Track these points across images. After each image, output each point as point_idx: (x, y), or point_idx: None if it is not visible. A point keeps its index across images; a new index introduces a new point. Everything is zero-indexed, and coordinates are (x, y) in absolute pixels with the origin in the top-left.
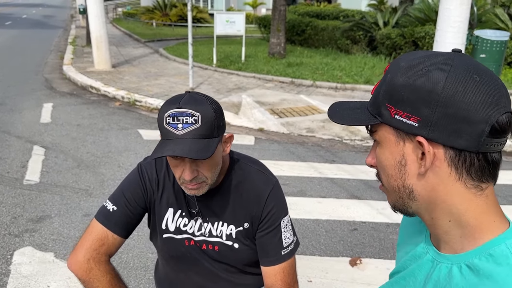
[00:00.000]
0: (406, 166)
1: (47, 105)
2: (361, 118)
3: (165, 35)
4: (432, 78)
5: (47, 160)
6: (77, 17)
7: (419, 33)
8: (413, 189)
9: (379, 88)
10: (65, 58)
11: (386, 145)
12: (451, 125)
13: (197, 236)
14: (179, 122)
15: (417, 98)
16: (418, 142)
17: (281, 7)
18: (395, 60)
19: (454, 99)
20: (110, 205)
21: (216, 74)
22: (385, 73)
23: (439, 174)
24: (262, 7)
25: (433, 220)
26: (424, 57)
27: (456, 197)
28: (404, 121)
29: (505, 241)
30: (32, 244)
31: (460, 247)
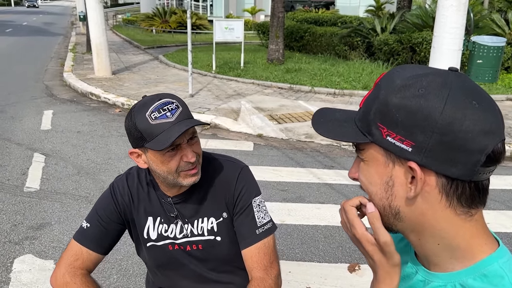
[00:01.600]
0: (393, 187)
1: (47, 112)
2: (348, 134)
3: (164, 42)
4: (430, 102)
5: (47, 167)
6: (77, 24)
7: (417, 39)
8: (400, 211)
9: (370, 104)
10: (65, 65)
11: (373, 165)
12: (446, 153)
13: (180, 239)
14: (166, 111)
15: (413, 122)
16: (410, 168)
17: (279, 14)
18: (389, 75)
19: (452, 127)
20: (85, 223)
21: (216, 80)
22: (375, 86)
23: (428, 200)
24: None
25: (421, 241)
26: (421, 76)
27: (445, 223)
28: (396, 144)
29: (497, 260)
30: (32, 252)
31: (451, 267)
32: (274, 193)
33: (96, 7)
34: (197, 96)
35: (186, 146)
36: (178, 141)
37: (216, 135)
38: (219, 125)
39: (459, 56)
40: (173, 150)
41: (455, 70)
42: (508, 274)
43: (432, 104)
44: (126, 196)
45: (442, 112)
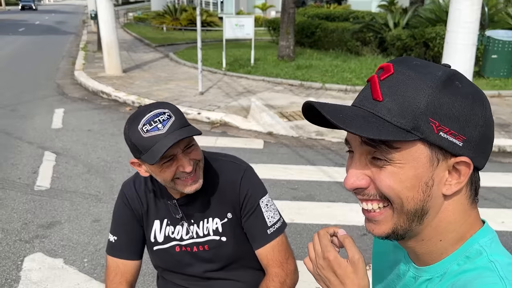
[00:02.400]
0: (432, 188)
1: (58, 111)
2: (387, 131)
3: (175, 40)
4: (477, 97)
5: (58, 165)
6: (88, 22)
7: (430, 34)
8: (429, 212)
9: (411, 99)
10: (76, 64)
11: (412, 166)
12: (484, 146)
13: (186, 240)
14: (157, 122)
15: (467, 116)
16: (456, 164)
17: (290, 10)
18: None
19: (490, 121)
20: (111, 237)
21: (226, 77)
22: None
23: (457, 194)
24: (271, 9)
25: (423, 241)
26: (446, 69)
27: (459, 214)
28: (449, 139)
29: (478, 240)
30: (42, 250)
31: (439, 258)
32: (284, 192)
33: (107, 6)
34: (207, 94)
35: (182, 156)
36: (172, 152)
37: (226, 133)
38: (229, 123)
39: (473, 51)
40: (169, 161)
41: (447, 65)
42: (486, 250)
43: (478, 99)
44: (136, 201)
45: (485, 106)
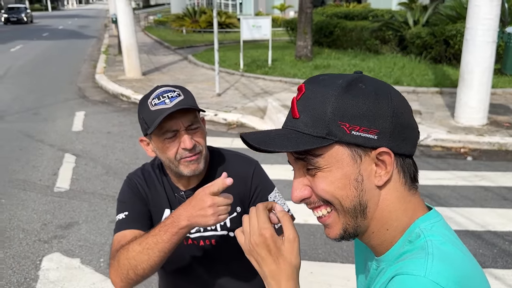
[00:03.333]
0: (363, 182)
1: (79, 114)
2: (306, 142)
3: (194, 42)
4: (380, 92)
5: (78, 167)
6: (110, 26)
7: (450, 31)
8: (367, 205)
9: (319, 108)
10: (97, 67)
11: (338, 167)
12: (401, 133)
13: (193, 233)
14: (165, 98)
15: (373, 112)
16: (379, 155)
17: (307, 10)
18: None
19: (400, 109)
20: (120, 215)
21: (243, 79)
22: (303, 93)
23: (391, 182)
24: (290, 10)
25: (374, 234)
26: (348, 76)
27: (398, 202)
28: (362, 136)
29: (419, 224)
30: (60, 250)
31: (390, 246)
32: None
33: (126, 10)
34: (224, 95)
35: (184, 133)
36: (175, 126)
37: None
38: (245, 124)
39: (493, 48)
40: (172, 137)
41: (359, 72)
42: (424, 232)
43: (382, 97)
44: (146, 187)
45: (391, 98)
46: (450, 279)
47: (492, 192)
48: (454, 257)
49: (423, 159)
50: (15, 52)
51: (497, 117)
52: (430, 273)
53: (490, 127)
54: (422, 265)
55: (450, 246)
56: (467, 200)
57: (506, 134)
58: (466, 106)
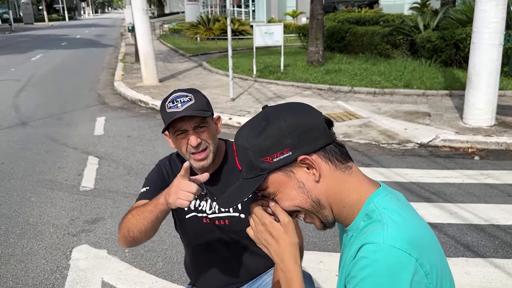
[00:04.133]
0: (305, 186)
1: (100, 119)
2: (250, 185)
3: (208, 49)
4: (275, 123)
5: (101, 168)
6: (126, 35)
7: (460, 35)
8: (319, 199)
9: (245, 158)
10: (116, 75)
11: (283, 187)
12: (308, 137)
13: (210, 214)
14: (178, 102)
15: (278, 139)
16: (301, 162)
17: (318, 16)
18: (236, 138)
19: (296, 123)
20: (143, 189)
21: (256, 84)
22: (236, 151)
23: (324, 174)
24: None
25: (337, 214)
26: (253, 120)
27: (339, 184)
28: (281, 158)
29: (373, 199)
30: (88, 242)
31: (352, 219)
32: None
33: (143, 19)
34: (238, 100)
35: (192, 132)
36: (184, 127)
37: None
38: None
39: (499, 51)
40: (182, 134)
41: (264, 107)
42: (378, 207)
43: (277, 122)
44: (171, 172)
45: (286, 121)
46: (404, 241)
47: (497, 189)
48: (404, 223)
49: (432, 159)
50: (35, 61)
51: (505, 118)
52: (387, 239)
53: (498, 127)
54: (380, 234)
55: (399, 215)
56: (472, 196)
57: None
58: (474, 107)
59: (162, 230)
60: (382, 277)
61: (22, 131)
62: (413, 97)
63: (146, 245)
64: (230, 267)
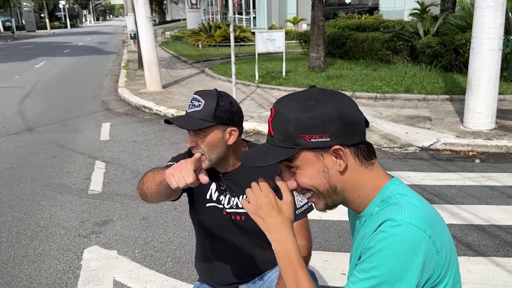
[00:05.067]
0: (328, 172)
1: (105, 125)
2: (282, 154)
3: (210, 56)
4: (325, 106)
5: (108, 172)
6: (128, 42)
7: (460, 41)
8: (336, 186)
9: (283, 127)
10: (119, 81)
11: (309, 165)
12: (349, 130)
13: (228, 208)
14: (191, 104)
15: (323, 122)
16: (334, 151)
17: (319, 22)
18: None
19: (343, 113)
20: (169, 163)
21: (258, 90)
22: (272, 119)
23: (350, 166)
24: (303, 23)
25: (351, 200)
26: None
27: (360, 177)
28: (319, 141)
29: (389, 187)
30: (98, 244)
31: (366, 205)
32: None
33: (147, 26)
34: (241, 105)
35: (192, 134)
36: (186, 128)
37: (258, 141)
38: (261, 131)
39: (499, 56)
40: (189, 132)
41: (312, 86)
42: (394, 193)
43: (327, 107)
44: None
45: (332, 105)
46: (420, 219)
47: (497, 191)
48: (419, 206)
49: (433, 162)
50: (39, 68)
51: (505, 122)
52: (404, 216)
53: (498, 131)
54: (398, 213)
55: (414, 199)
56: (473, 198)
57: None
58: (474, 111)
59: (170, 231)
60: (398, 249)
61: (28, 136)
62: (414, 101)
63: (155, 245)
64: (238, 262)
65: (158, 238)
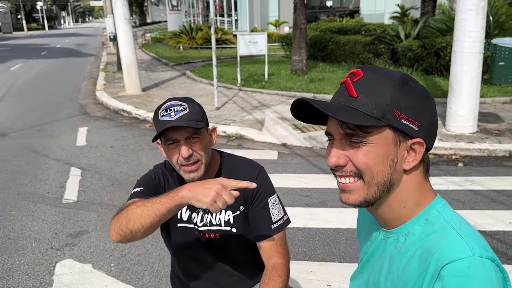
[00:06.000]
0: (396, 164)
1: (82, 129)
2: (365, 119)
3: (191, 58)
4: (426, 93)
5: (84, 180)
6: (107, 44)
7: (440, 44)
8: (394, 183)
9: (378, 93)
10: (97, 84)
11: (382, 146)
12: (431, 130)
13: (201, 226)
14: (172, 111)
15: (421, 107)
16: (413, 144)
17: (301, 25)
18: (382, 71)
19: (435, 111)
20: (136, 189)
21: (241, 93)
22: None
23: (415, 168)
24: (285, 25)
25: (391, 208)
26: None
27: (417, 186)
28: (408, 125)
29: (435, 206)
30: (72, 257)
31: (404, 221)
32: (297, 199)
33: (126, 28)
34: (223, 109)
35: (184, 143)
36: (175, 136)
37: (241, 146)
38: (244, 135)
39: (480, 59)
40: (173, 144)
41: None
42: (443, 215)
43: (427, 95)
44: (162, 177)
45: (432, 101)
46: (485, 249)
47: (481, 195)
48: (473, 232)
49: None
50: (15, 71)
51: (487, 125)
52: (474, 251)
53: (480, 134)
54: (463, 246)
55: (466, 223)
56: (458, 203)
57: (495, 141)
58: (456, 115)
59: (148, 243)
60: None
61: (1, 142)
62: None
63: (132, 258)
64: (216, 281)
65: (135, 250)
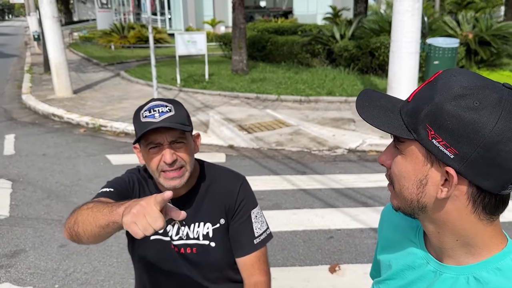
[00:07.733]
0: (426, 186)
1: (9, 137)
2: (394, 125)
3: (124, 58)
4: (483, 117)
5: (15, 193)
6: (31, 44)
7: (375, 44)
8: (426, 206)
9: (421, 103)
10: (23, 87)
11: (411, 160)
12: (484, 168)
13: (176, 240)
14: (156, 112)
15: (462, 132)
16: (446, 172)
17: (241, 25)
18: (447, 79)
19: (497, 146)
20: (104, 189)
21: (181, 94)
22: (429, 83)
23: (455, 203)
24: (221, 25)
25: (440, 234)
26: (478, 87)
27: (467, 224)
28: (440, 149)
29: (509, 255)
30: (9, 280)
31: (465, 261)
32: None
33: (54, 27)
34: None
35: (167, 147)
36: (159, 140)
37: None
38: None
39: (417, 58)
40: (156, 148)
41: (509, 88)
42: None
43: (485, 120)
44: (137, 183)
45: (493, 129)
46: None
47: None
48: None
49: (361, 163)
50: None
51: None
52: None
53: None
54: None
55: None
56: None
57: None
58: None
59: (95, 259)
60: None
61: None
62: (336, 104)
63: (78, 277)
64: None
65: (81, 269)
